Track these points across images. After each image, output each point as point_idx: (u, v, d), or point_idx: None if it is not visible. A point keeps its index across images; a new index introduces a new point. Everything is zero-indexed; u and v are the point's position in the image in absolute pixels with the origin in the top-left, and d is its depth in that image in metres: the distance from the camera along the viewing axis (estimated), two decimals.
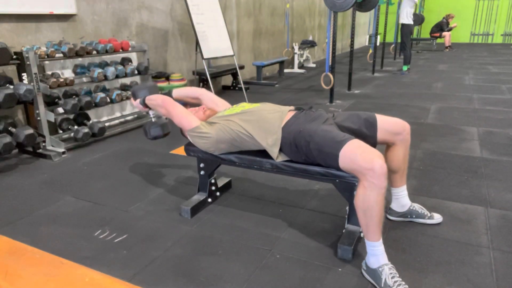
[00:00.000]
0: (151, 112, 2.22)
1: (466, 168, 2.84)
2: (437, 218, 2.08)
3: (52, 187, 2.65)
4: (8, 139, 2.86)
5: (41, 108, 3.19)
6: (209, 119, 2.11)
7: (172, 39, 5.29)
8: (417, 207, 2.09)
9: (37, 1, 3.48)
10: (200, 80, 5.52)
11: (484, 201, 2.33)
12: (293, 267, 1.75)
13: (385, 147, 1.97)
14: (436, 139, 3.55)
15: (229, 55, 5.18)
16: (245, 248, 1.90)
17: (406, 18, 7.19)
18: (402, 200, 2.07)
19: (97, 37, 4.11)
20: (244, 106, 2.10)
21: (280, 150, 1.89)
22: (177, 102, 2.11)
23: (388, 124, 1.89)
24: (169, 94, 2.29)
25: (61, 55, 3.37)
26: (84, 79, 3.76)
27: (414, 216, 2.08)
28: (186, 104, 2.32)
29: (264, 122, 1.91)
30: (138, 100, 2.20)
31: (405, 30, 7.30)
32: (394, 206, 2.10)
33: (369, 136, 1.86)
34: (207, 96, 2.33)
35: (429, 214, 2.08)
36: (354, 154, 1.59)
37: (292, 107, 2.01)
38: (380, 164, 1.52)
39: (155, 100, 2.13)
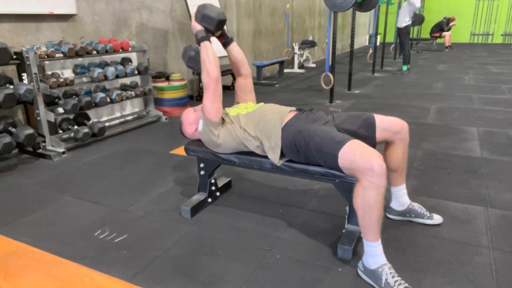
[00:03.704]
0: (198, 46, 2.03)
1: (466, 168, 2.84)
2: (437, 219, 2.08)
3: (52, 187, 2.65)
4: (8, 139, 2.86)
5: (41, 108, 3.19)
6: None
7: (172, 39, 5.29)
8: (417, 206, 2.09)
9: (37, 1, 3.48)
10: (200, 80, 5.51)
11: (484, 201, 2.33)
12: (293, 267, 1.75)
13: (384, 147, 1.98)
14: (436, 139, 3.55)
15: None
16: (245, 248, 1.90)
17: (404, 22, 7.22)
18: (402, 199, 2.07)
19: (97, 37, 4.11)
20: (248, 107, 2.09)
21: (281, 151, 1.89)
22: (221, 87, 1.97)
23: (386, 124, 1.90)
24: (229, 41, 2.18)
25: (61, 55, 3.37)
26: (84, 79, 3.75)
27: (413, 216, 2.08)
28: (233, 62, 2.22)
29: (265, 124, 1.91)
30: (197, 28, 2.00)
31: (403, 31, 7.33)
32: (394, 204, 2.11)
33: (368, 137, 1.86)
34: (246, 81, 2.25)
35: (428, 214, 2.08)
36: (353, 154, 1.60)
37: (293, 108, 2.01)
38: (379, 163, 1.52)
39: (210, 63, 1.93)
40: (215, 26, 2.01)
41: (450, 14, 13.51)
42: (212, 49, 1.97)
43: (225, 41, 2.19)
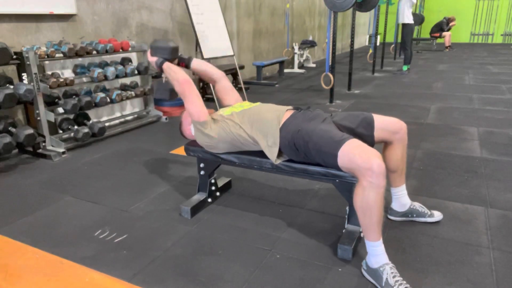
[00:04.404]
0: (163, 74, 2.14)
1: (466, 168, 2.84)
2: (438, 216, 2.10)
3: (52, 187, 2.65)
4: (8, 139, 2.86)
5: (41, 108, 3.19)
6: (211, 115, 2.10)
7: (172, 39, 5.29)
8: (418, 205, 2.10)
9: (37, 1, 3.48)
10: (200, 80, 5.52)
11: (484, 201, 2.33)
12: (293, 267, 1.75)
13: (383, 147, 1.97)
14: (436, 139, 3.55)
15: (229, 55, 5.18)
16: (245, 248, 1.90)
17: (407, 17, 7.19)
18: (402, 199, 2.07)
19: (97, 37, 4.11)
20: (244, 105, 2.10)
21: (279, 150, 1.89)
22: (195, 88, 2.05)
23: (385, 123, 1.90)
24: (189, 61, 2.24)
25: (61, 55, 3.37)
26: (84, 79, 3.76)
27: (415, 215, 2.08)
28: (200, 76, 2.28)
29: (262, 123, 1.91)
30: (155, 59, 2.11)
31: (406, 29, 7.30)
32: (395, 206, 2.10)
33: (366, 135, 1.86)
34: (223, 83, 2.29)
35: (429, 213, 2.09)
36: (352, 153, 1.60)
37: (290, 107, 2.01)
38: (378, 163, 1.52)
39: (176, 74, 2.04)
40: (169, 53, 2.12)
41: (450, 14, 13.52)
42: (173, 65, 2.10)
43: (186, 64, 2.25)
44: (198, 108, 2.01)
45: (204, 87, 5.58)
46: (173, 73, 2.05)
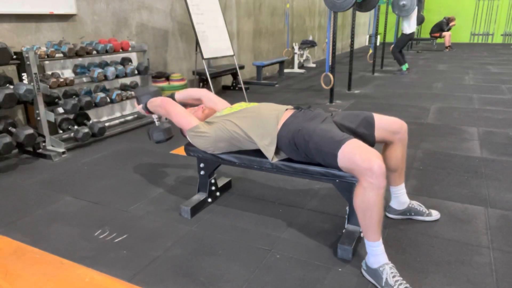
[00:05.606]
0: (154, 116, 2.26)
1: (466, 168, 2.84)
2: (435, 215, 2.11)
3: (52, 187, 2.65)
4: (8, 139, 2.86)
5: (41, 108, 3.19)
6: (208, 119, 2.12)
7: (172, 39, 5.29)
8: (416, 204, 2.11)
9: (37, 1, 3.48)
10: (200, 80, 5.52)
11: (484, 201, 2.33)
12: (293, 267, 1.75)
13: (383, 147, 1.98)
14: (436, 139, 3.55)
15: (229, 55, 5.18)
16: (245, 248, 1.90)
17: (409, 28, 7.18)
18: (401, 198, 2.08)
19: (97, 37, 4.11)
20: (242, 105, 2.11)
21: (279, 149, 1.90)
22: (176, 102, 2.12)
23: (385, 123, 1.90)
24: (171, 97, 2.31)
25: (61, 55, 3.37)
26: (84, 79, 3.76)
27: (413, 214, 2.09)
28: (187, 104, 2.34)
29: (260, 121, 1.92)
30: (141, 106, 2.24)
31: (402, 37, 7.31)
32: (394, 204, 2.11)
33: (367, 135, 1.86)
34: (208, 97, 2.35)
35: (427, 211, 2.10)
36: (352, 154, 1.59)
37: (290, 106, 2.01)
38: (378, 164, 1.52)
39: (155, 101, 2.15)
40: (152, 94, 2.24)
41: (450, 14, 13.53)
42: (152, 98, 2.20)
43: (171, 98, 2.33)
44: (185, 116, 2.05)
45: (204, 86, 5.58)
46: (154, 102, 2.15)
